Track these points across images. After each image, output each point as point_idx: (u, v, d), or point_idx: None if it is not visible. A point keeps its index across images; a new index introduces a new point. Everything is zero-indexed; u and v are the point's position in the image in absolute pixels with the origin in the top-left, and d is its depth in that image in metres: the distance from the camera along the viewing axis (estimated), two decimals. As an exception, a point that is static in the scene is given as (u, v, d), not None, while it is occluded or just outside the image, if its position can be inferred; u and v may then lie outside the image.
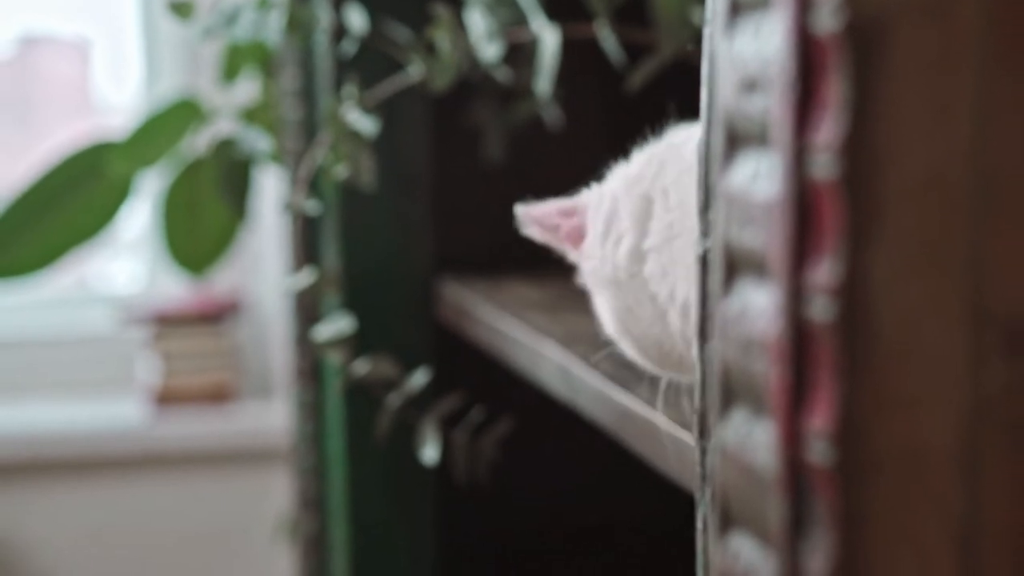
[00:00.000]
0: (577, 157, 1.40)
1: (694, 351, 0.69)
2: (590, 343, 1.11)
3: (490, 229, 1.63)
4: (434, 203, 1.71)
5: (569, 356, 1.16)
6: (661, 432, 0.91)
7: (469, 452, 1.43)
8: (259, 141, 1.33)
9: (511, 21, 1.60)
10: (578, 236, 1.03)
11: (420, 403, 1.49)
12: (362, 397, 1.58)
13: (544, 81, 1.40)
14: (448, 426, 1.47)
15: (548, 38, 1.40)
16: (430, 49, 1.39)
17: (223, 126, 1.91)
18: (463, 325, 1.57)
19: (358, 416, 1.66)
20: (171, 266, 2.10)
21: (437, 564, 1.75)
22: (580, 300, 1.09)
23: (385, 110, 1.54)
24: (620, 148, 1.10)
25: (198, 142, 1.94)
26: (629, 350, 1.00)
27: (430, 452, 1.40)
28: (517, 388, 1.47)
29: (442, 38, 1.37)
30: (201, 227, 2.03)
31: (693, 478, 0.69)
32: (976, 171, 0.53)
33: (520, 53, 1.51)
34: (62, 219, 2.00)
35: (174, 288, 2.74)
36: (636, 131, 1.09)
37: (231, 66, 1.88)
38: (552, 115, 1.64)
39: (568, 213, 1.04)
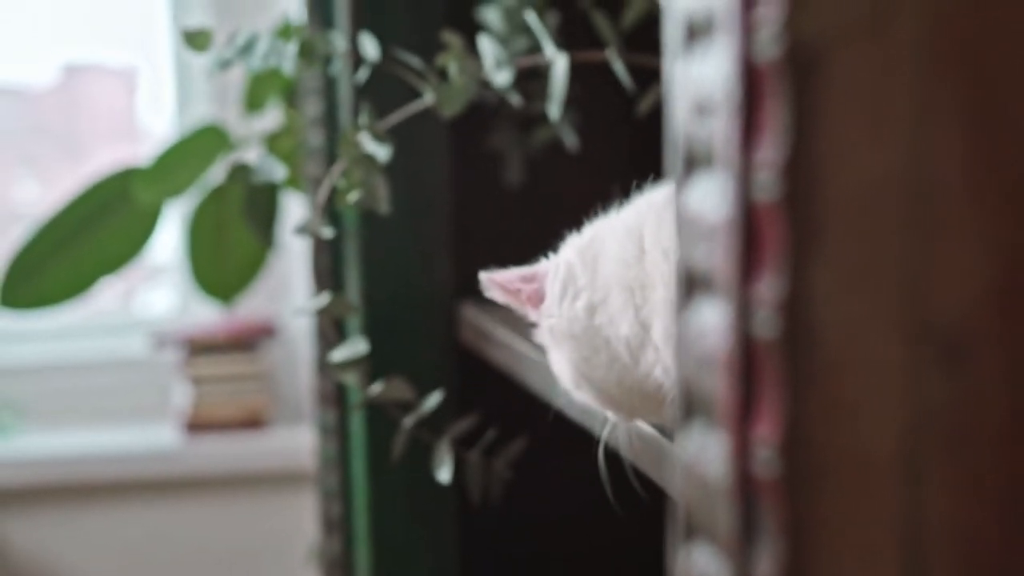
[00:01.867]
0: (595, 181, 1.42)
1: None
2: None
3: (509, 252, 1.65)
4: (454, 227, 1.73)
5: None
6: (672, 454, 0.96)
7: (483, 472, 1.45)
8: (275, 168, 1.36)
9: (526, 48, 1.63)
10: (538, 299, 1.16)
11: (438, 424, 1.51)
12: (383, 420, 1.60)
13: (555, 105, 1.42)
14: (468, 447, 1.49)
15: (559, 64, 1.42)
16: (442, 76, 1.42)
17: (249, 154, 1.94)
18: (482, 347, 1.59)
19: (379, 439, 1.68)
20: (199, 294, 2.13)
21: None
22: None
23: (405, 136, 1.56)
24: (636, 170, 1.13)
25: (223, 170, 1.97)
26: (588, 397, 1.11)
27: (444, 472, 1.42)
28: (535, 408, 1.49)
29: (452, 65, 1.39)
30: (228, 254, 2.06)
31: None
32: (914, 188, 0.55)
33: (536, 79, 1.53)
34: (91, 247, 2.03)
35: (207, 314, 2.78)
36: (651, 153, 1.14)
37: (255, 95, 1.91)
38: (570, 139, 1.66)
39: (528, 279, 1.18)
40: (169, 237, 2.70)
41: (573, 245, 1.17)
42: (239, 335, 2.66)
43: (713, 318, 0.58)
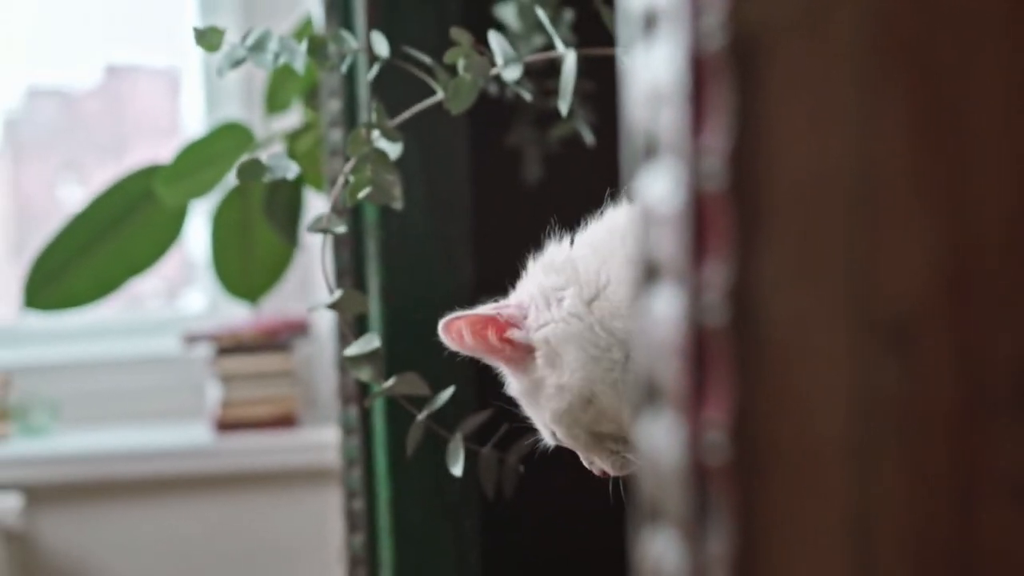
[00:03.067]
0: (612, 176, 1.42)
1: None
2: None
3: (527, 248, 1.66)
4: (473, 223, 1.74)
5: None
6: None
7: (496, 467, 1.46)
8: (289, 165, 1.37)
9: (542, 45, 1.63)
10: (520, 316, 1.21)
11: (457, 420, 1.51)
12: (404, 416, 1.61)
13: (565, 101, 1.43)
14: (491, 443, 1.49)
15: (568, 59, 1.43)
16: (453, 73, 1.43)
17: (272, 152, 1.96)
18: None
19: (401, 435, 1.69)
20: (223, 293, 2.14)
21: (482, 578, 1.78)
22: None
23: (424, 133, 1.57)
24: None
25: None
26: (605, 401, 1.12)
27: (458, 467, 1.42)
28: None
29: (461, 62, 1.40)
30: (253, 254, 2.07)
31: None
32: (856, 174, 0.55)
33: (553, 76, 1.54)
34: (116, 247, 2.04)
35: (240, 313, 2.79)
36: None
37: (277, 95, 1.92)
38: (588, 135, 1.66)
39: (503, 306, 1.18)
40: (202, 236, 2.72)
41: (537, 267, 1.24)
42: (270, 334, 2.68)
43: (667, 306, 0.59)
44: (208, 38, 1.39)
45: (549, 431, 1.28)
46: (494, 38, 1.43)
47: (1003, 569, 0.56)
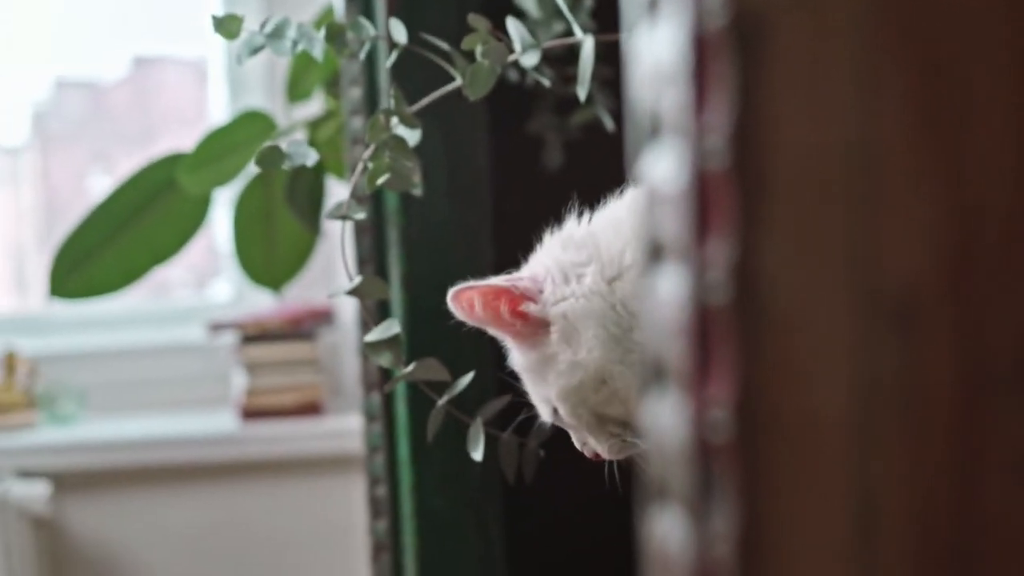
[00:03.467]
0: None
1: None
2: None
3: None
4: (493, 209, 1.74)
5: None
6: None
7: (517, 452, 1.46)
8: (307, 152, 1.37)
9: (563, 32, 1.63)
10: (535, 289, 1.19)
11: (477, 405, 1.52)
12: (427, 402, 1.61)
13: (583, 87, 1.43)
14: (514, 428, 1.49)
15: (587, 45, 1.43)
16: (471, 59, 1.43)
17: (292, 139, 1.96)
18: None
19: (423, 421, 1.69)
20: (247, 281, 2.14)
21: (505, 564, 1.78)
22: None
23: (445, 120, 1.58)
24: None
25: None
26: (619, 382, 1.12)
27: (478, 452, 1.43)
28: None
29: (478, 48, 1.40)
30: (276, 242, 2.07)
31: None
32: (858, 151, 0.55)
33: (574, 62, 1.54)
34: (140, 236, 2.04)
35: (265, 301, 2.80)
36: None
37: (298, 84, 1.92)
38: (608, 121, 1.67)
39: (516, 278, 1.17)
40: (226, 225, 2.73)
41: (554, 241, 1.22)
42: (295, 322, 2.69)
43: (671, 285, 0.59)
44: (226, 26, 1.40)
45: (550, 408, 1.27)
46: (512, 24, 1.44)
47: (1004, 545, 0.56)
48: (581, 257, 1.18)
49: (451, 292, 1.21)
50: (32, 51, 3.22)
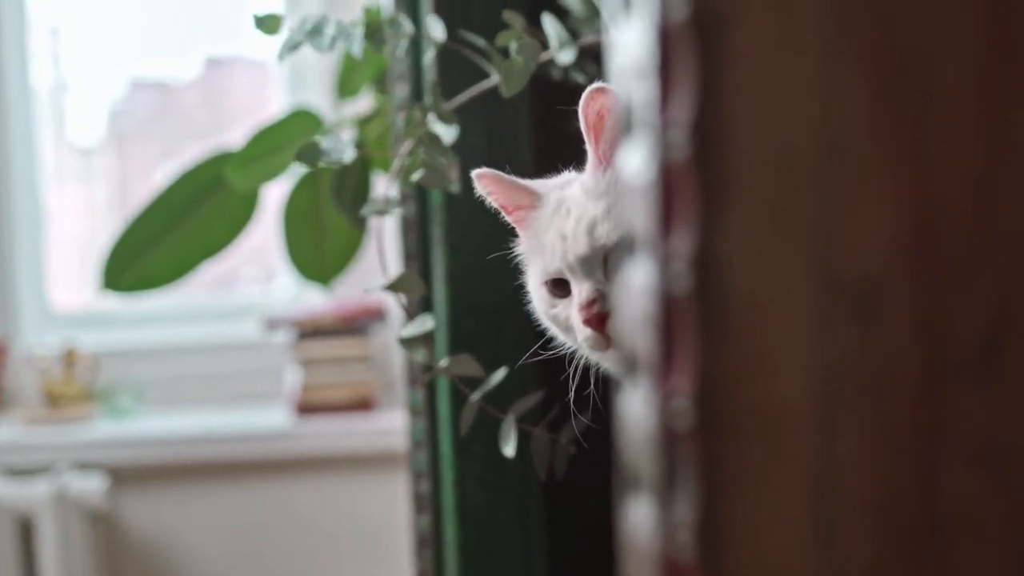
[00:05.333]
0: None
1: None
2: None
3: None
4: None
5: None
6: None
7: (549, 447, 1.47)
8: (346, 149, 1.39)
9: (602, 28, 1.64)
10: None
11: (516, 401, 1.52)
12: (467, 397, 1.62)
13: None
14: (550, 424, 1.50)
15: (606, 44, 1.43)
16: (506, 55, 1.44)
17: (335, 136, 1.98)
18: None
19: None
20: (296, 277, 2.16)
21: (547, 560, 1.79)
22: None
23: (488, 118, 1.58)
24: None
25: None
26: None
27: (510, 447, 1.44)
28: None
29: (513, 44, 1.41)
30: (324, 237, 2.09)
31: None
32: (819, 142, 0.56)
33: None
34: (191, 231, 2.07)
35: (320, 298, 2.82)
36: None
37: (348, 81, 1.94)
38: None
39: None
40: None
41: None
42: (349, 319, 2.71)
43: (641, 276, 0.60)
44: (267, 24, 1.42)
45: (596, 234, 1.23)
46: (548, 21, 1.44)
47: (964, 531, 0.56)
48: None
49: (593, 88, 1.20)
50: (108, 53, 3.27)
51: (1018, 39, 0.55)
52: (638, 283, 0.60)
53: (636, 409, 0.61)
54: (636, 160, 0.60)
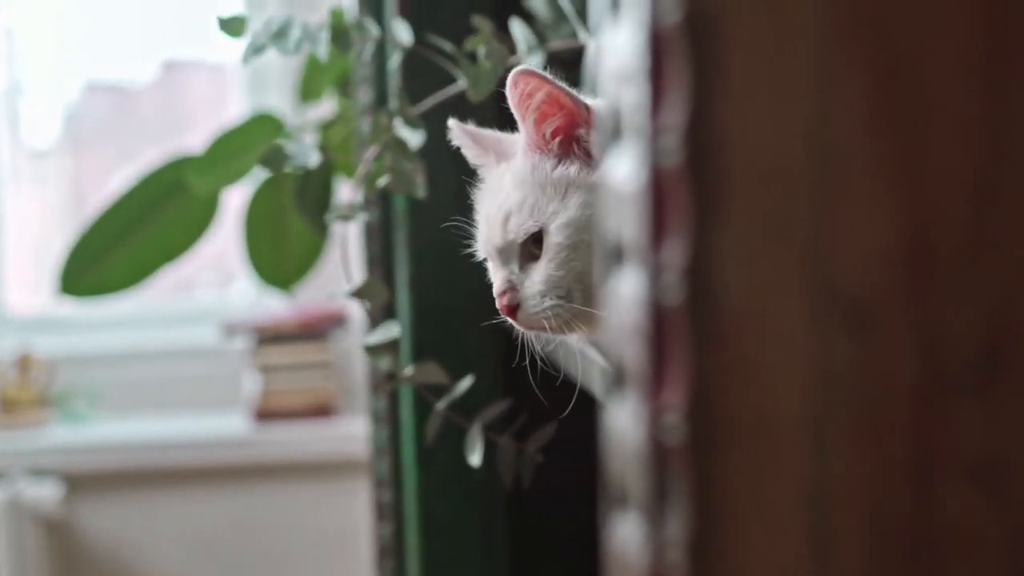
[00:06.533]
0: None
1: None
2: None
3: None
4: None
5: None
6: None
7: (515, 456, 1.45)
8: (311, 153, 1.37)
9: (571, 34, 1.63)
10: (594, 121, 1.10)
11: (482, 409, 1.51)
12: (431, 405, 1.61)
13: (590, 89, 1.42)
14: (517, 433, 1.48)
15: (591, 48, 1.42)
16: (474, 60, 1.42)
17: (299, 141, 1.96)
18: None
19: (427, 424, 1.69)
20: (258, 282, 2.15)
21: (509, 569, 1.78)
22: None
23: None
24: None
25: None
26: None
27: (476, 456, 1.42)
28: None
29: (480, 49, 1.40)
30: (286, 243, 2.07)
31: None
32: (814, 150, 0.55)
33: (581, 64, 1.53)
34: (150, 235, 2.05)
35: (279, 303, 2.81)
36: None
37: (310, 85, 1.92)
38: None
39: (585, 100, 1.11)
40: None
41: None
42: (309, 324, 2.69)
43: (630, 287, 0.59)
44: (232, 26, 1.40)
45: (502, 227, 1.18)
46: (516, 26, 1.43)
47: (959, 547, 0.55)
48: None
49: (518, 69, 1.10)
50: (64, 55, 3.24)
51: (1017, 43, 0.54)
52: (626, 293, 0.59)
53: (624, 422, 0.59)
54: (624, 167, 0.59)
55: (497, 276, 1.19)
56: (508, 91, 1.13)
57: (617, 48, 0.59)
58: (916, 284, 0.55)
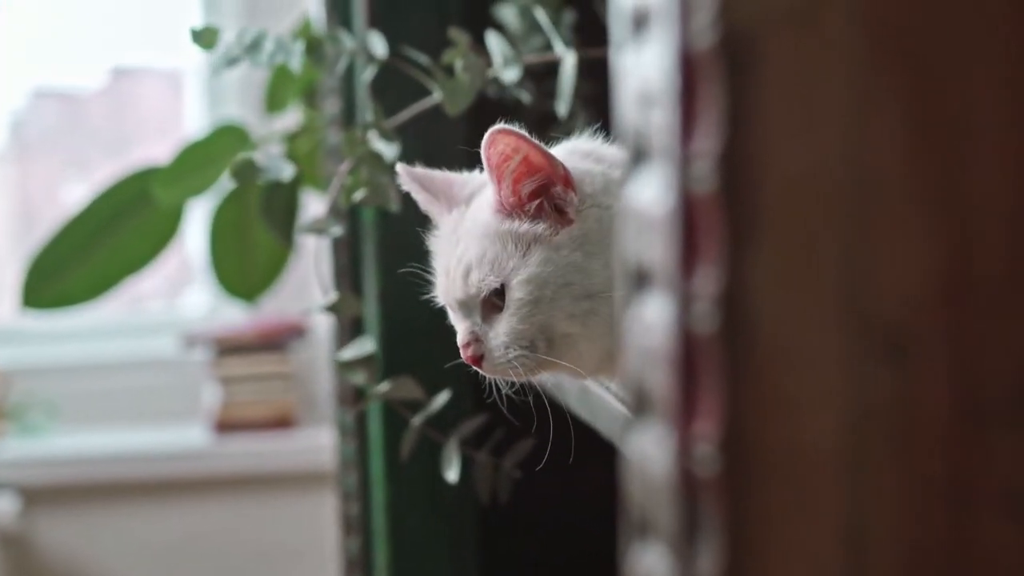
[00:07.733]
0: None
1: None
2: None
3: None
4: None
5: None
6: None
7: (492, 472, 1.44)
8: (283, 166, 1.36)
9: (542, 46, 1.62)
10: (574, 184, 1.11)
11: (453, 424, 1.50)
12: (401, 419, 1.59)
13: (564, 103, 1.41)
14: (489, 448, 1.47)
15: (567, 61, 1.41)
16: (450, 73, 1.41)
17: (270, 153, 1.95)
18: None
19: (397, 439, 1.67)
20: (221, 293, 2.13)
21: (481, 583, 1.77)
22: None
23: (422, 135, 1.55)
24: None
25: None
26: (605, 308, 1.08)
27: (452, 472, 1.41)
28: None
29: (457, 62, 1.38)
30: (250, 254, 2.06)
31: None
32: (851, 177, 0.54)
33: (554, 77, 1.52)
34: (113, 247, 2.03)
35: (238, 314, 2.78)
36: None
37: (276, 96, 1.91)
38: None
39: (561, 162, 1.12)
40: (200, 237, 2.71)
41: (561, 149, 1.16)
42: (268, 335, 2.67)
43: (657, 313, 0.57)
44: (204, 37, 1.38)
45: (463, 278, 1.15)
46: (493, 39, 1.42)
47: (999, 584, 0.54)
48: (615, 174, 1.10)
49: (496, 128, 1.10)
50: (9, 61, 3.20)
51: (1055, 70, 0.53)
52: (654, 320, 0.57)
53: (648, 450, 0.58)
54: (650, 191, 0.57)
55: (460, 326, 1.18)
56: (484, 150, 1.12)
57: (641, 69, 0.58)
58: (954, 313, 0.54)
